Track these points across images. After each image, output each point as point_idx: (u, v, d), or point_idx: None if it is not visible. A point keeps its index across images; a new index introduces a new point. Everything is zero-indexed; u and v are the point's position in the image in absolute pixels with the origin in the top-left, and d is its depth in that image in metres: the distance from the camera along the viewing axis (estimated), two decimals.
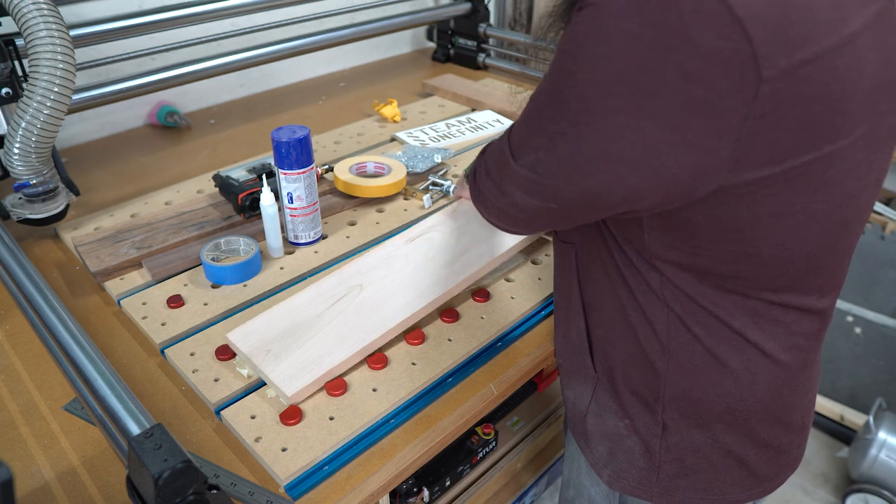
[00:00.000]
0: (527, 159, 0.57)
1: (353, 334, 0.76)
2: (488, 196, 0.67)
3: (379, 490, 0.64)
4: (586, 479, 0.79)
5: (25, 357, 0.80)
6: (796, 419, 0.68)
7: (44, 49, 0.85)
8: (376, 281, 0.82)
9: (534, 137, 0.55)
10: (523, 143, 0.57)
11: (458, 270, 0.84)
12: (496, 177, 0.64)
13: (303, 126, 0.91)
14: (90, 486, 0.64)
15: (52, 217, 0.97)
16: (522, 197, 0.59)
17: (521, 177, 0.58)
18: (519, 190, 0.59)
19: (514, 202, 0.61)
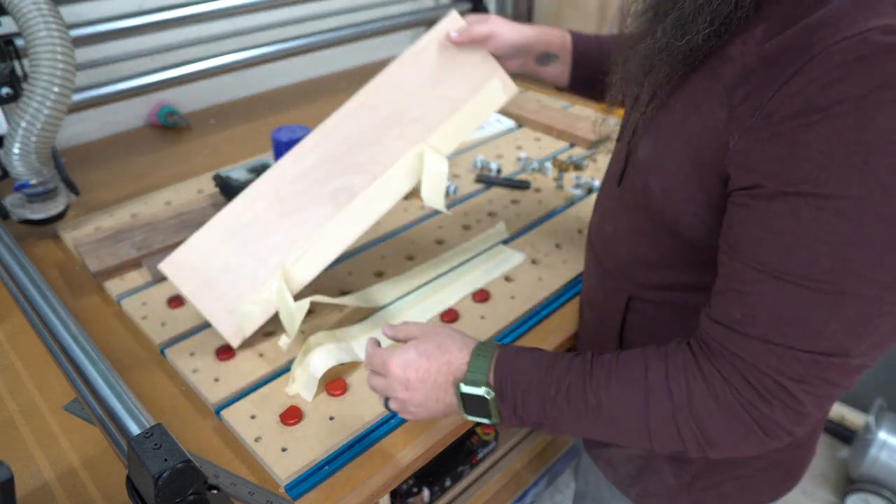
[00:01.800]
0: (866, 344, 0.42)
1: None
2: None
3: (379, 490, 0.64)
4: (607, 491, 0.77)
5: (25, 357, 0.80)
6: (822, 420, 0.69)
7: (44, 49, 0.85)
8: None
9: (872, 312, 0.40)
10: (859, 333, 0.41)
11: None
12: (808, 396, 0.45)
13: (303, 126, 0.91)
14: (90, 486, 0.64)
15: (52, 217, 0.97)
16: (853, 381, 0.46)
17: (857, 369, 0.44)
18: (854, 378, 0.45)
19: (844, 391, 0.46)
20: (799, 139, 0.39)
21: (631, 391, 0.51)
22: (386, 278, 0.90)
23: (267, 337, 0.79)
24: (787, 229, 0.41)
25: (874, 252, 0.38)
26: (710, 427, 0.48)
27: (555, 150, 1.26)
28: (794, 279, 0.41)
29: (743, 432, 0.47)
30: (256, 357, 0.76)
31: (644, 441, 0.51)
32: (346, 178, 0.75)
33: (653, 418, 0.50)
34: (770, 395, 0.45)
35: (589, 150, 1.26)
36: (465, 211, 1.05)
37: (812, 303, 0.41)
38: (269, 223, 0.75)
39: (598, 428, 0.53)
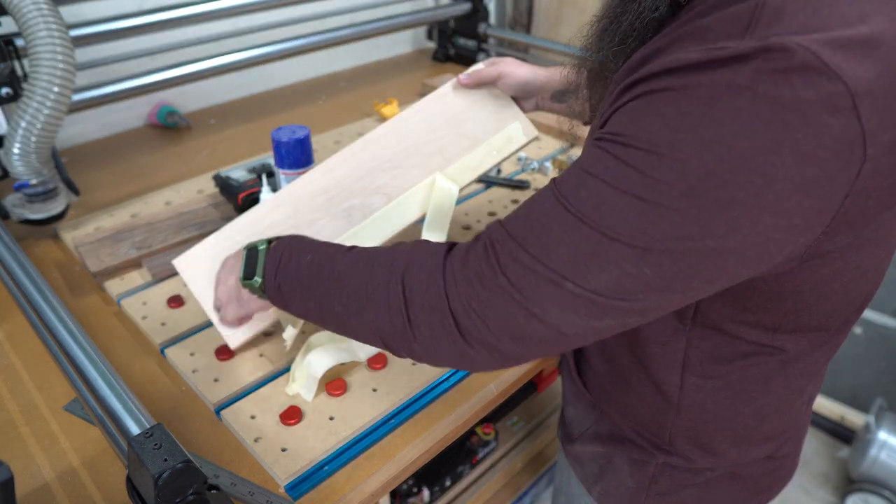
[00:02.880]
0: (598, 283, 0.43)
1: None
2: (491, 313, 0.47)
3: (379, 490, 0.64)
4: (577, 489, 0.78)
5: (25, 357, 0.80)
6: (799, 432, 0.68)
7: (44, 49, 0.85)
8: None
9: (610, 258, 0.43)
10: (591, 268, 0.43)
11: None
12: (526, 299, 0.46)
13: (303, 126, 0.91)
14: (90, 486, 0.64)
15: (52, 217, 0.97)
16: (574, 319, 0.45)
17: (583, 302, 0.44)
18: (572, 314, 0.45)
19: (556, 327, 0.46)
20: (623, 109, 0.44)
21: (371, 256, 0.55)
22: None
23: (267, 337, 0.79)
24: (581, 161, 0.46)
25: (623, 201, 0.42)
26: (416, 296, 0.49)
27: (555, 150, 1.26)
28: (558, 197, 0.45)
29: (439, 316, 0.48)
30: (256, 357, 0.76)
31: (361, 308, 0.53)
32: (361, 199, 0.79)
33: (373, 277, 0.52)
34: (478, 281, 0.47)
35: None
36: (465, 211, 1.05)
37: (560, 219, 0.44)
38: (281, 232, 0.77)
39: (330, 292, 0.55)
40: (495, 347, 0.47)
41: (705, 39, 0.41)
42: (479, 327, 0.47)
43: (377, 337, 0.53)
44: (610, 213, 0.42)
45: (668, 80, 0.41)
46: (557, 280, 0.44)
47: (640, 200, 0.41)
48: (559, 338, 0.46)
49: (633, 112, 0.43)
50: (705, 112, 0.39)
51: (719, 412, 0.60)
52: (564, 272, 0.44)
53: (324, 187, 0.79)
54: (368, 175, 0.80)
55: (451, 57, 1.79)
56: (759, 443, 0.63)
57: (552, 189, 0.47)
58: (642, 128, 0.42)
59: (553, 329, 0.45)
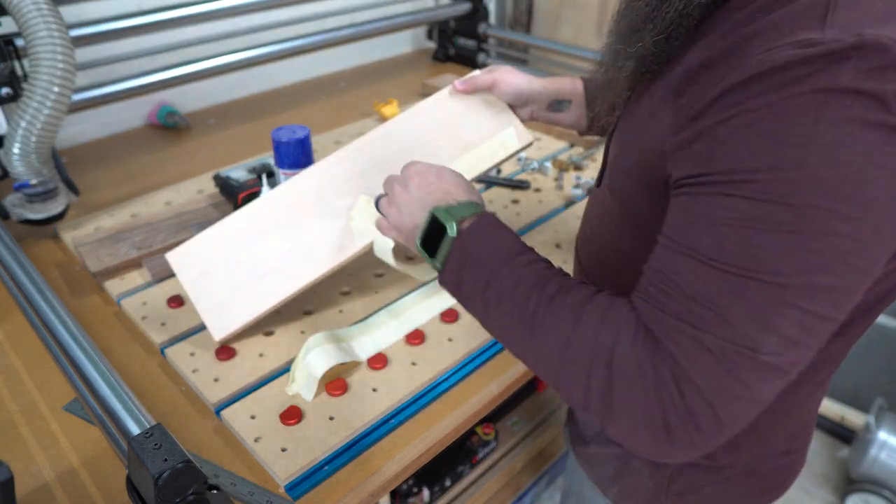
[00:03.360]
0: (787, 334, 0.41)
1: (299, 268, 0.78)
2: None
3: (379, 490, 0.64)
4: (590, 491, 0.77)
5: (25, 357, 0.80)
6: (809, 429, 0.68)
7: (44, 49, 0.85)
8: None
9: (786, 302, 0.40)
10: (773, 323, 0.40)
11: None
12: (731, 384, 0.42)
13: (303, 126, 0.91)
14: (90, 486, 0.64)
15: (52, 217, 0.97)
16: (775, 384, 0.43)
17: (781, 361, 0.41)
18: (773, 380, 0.42)
19: (760, 398, 0.43)
20: (717, 135, 0.42)
21: (567, 314, 0.48)
22: (385, 279, 0.90)
23: (267, 337, 0.79)
24: (702, 213, 0.43)
25: (778, 240, 0.39)
26: (618, 386, 0.44)
27: (555, 150, 1.26)
28: (703, 258, 0.42)
29: (645, 412, 0.44)
30: (256, 357, 0.76)
31: (553, 372, 0.48)
32: (353, 200, 0.79)
33: (571, 349, 0.47)
34: (685, 385, 0.42)
35: (589, 150, 1.26)
36: None
37: (719, 283, 0.41)
38: (272, 231, 0.79)
39: (522, 337, 0.50)
40: (699, 442, 0.43)
41: (781, 34, 0.40)
42: (685, 426, 0.43)
43: (564, 391, 0.49)
44: (768, 258, 0.40)
45: (762, 88, 0.39)
46: (749, 353, 0.41)
47: (793, 234, 0.39)
48: (759, 407, 0.43)
49: (736, 138, 0.41)
50: (817, 119, 0.38)
51: None
52: (751, 340, 0.41)
53: (317, 186, 0.80)
54: (362, 176, 0.80)
55: (451, 57, 1.79)
56: (781, 439, 0.63)
57: (687, 253, 0.43)
58: (757, 154, 0.40)
59: (757, 402, 0.43)
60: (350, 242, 0.77)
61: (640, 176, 0.53)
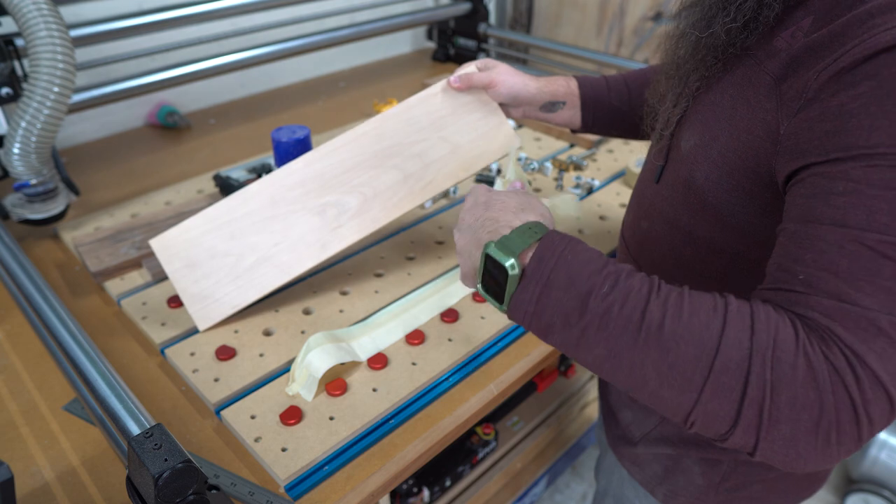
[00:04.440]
0: None
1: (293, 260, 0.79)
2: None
3: (379, 490, 0.64)
4: (631, 491, 0.77)
5: (25, 357, 0.80)
6: None
7: (44, 49, 0.85)
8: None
9: None
10: None
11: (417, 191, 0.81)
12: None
13: (303, 126, 0.91)
14: (90, 486, 0.64)
15: (52, 217, 0.97)
16: None
17: None
18: None
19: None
20: (844, 110, 0.40)
21: (707, 316, 0.42)
22: (385, 279, 0.90)
23: (267, 337, 0.79)
24: (843, 189, 0.40)
25: None
26: (784, 387, 0.39)
27: (555, 150, 1.26)
28: (850, 234, 0.40)
29: (813, 413, 0.39)
30: (256, 357, 0.76)
31: (693, 385, 0.41)
32: (337, 196, 0.80)
33: (723, 353, 0.40)
34: (862, 370, 0.38)
35: (589, 150, 1.26)
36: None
37: (874, 257, 0.39)
38: (257, 222, 0.80)
39: (643, 352, 0.43)
40: (866, 434, 0.40)
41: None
42: (858, 419, 0.39)
43: (696, 417, 0.42)
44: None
45: (890, 61, 0.38)
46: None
47: None
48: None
49: (872, 110, 0.39)
50: None
51: None
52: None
53: (302, 180, 0.80)
54: (347, 172, 0.80)
55: (451, 57, 1.79)
56: None
57: (830, 233, 0.41)
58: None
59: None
60: (334, 241, 0.79)
61: (734, 165, 0.50)
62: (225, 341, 0.78)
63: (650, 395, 0.44)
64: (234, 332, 0.79)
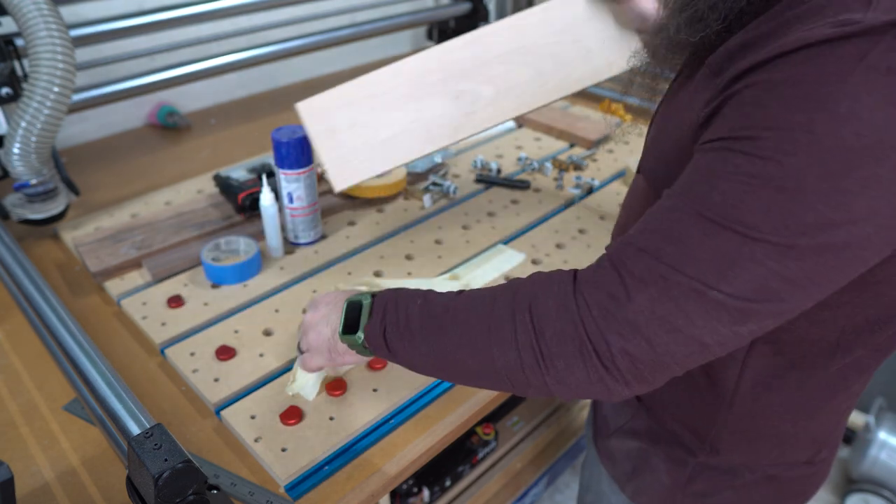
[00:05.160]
0: (744, 286, 0.41)
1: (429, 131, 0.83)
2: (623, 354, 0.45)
3: (379, 490, 0.64)
4: (607, 487, 0.77)
5: (25, 357, 0.80)
6: (836, 440, 0.68)
7: (44, 49, 0.85)
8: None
9: (755, 258, 0.40)
10: (735, 271, 0.41)
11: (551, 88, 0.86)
12: (668, 314, 0.43)
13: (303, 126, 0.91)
14: (90, 486, 0.64)
15: (52, 217, 0.97)
16: (717, 328, 0.42)
17: (728, 308, 0.42)
18: (716, 323, 0.42)
19: (699, 339, 0.43)
20: (742, 98, 0.42)
21: (485, 294, 0.52)
22: (385, 279, 0.90)
23: (267, 337, 0.79)
24: (703, 167, 0.44)
25: (762, 196, 0.40)
26: (546, 327, 0.46)
27: (555, 150, 1.26)
28: (687, 205, 0.43)
29: (575, 345, 0.45)
30: (256, 357, 0.76)
31: (485, 348, 0.49)
32: (473, 84, 0.84)
33: (495, 314, 0.49)
34: (613, 302, 0.44)
35: (589, 150, 1.26)
36: (465, 211, 1.05)
37: (694, 226, 0.42)
38: (397, 99, 0.84)
39: (445, 337, 0.52)
40: (635, 371, 0.44)
41: (823, 15, 0.39)
42: (618, 351, 0.44)
43: (503, 376, 0.49)
44: (750, 211, 0.40)
45: (793, 60, 0.39)
46: (700, 289, 0.41)
47: (778, 192, 0.39)
48: (700, 351, 0.43)
49: (755, 102, 0.41)
50: (838, 87, 0.37)
51: (771, 408, 0.59)
52: (707, 279, 0.41)
53: (442, 65, 0.84)
54: (485, 64, 0.84)
55: None
56: (804, 446, 0.63)
57: (678, 199, 0.44)
58: (769, 115, 0.40)
59: (695, 342, 0.43)
60: (467, 124, 0.83)
61: (673, 157, 0.52)
62: (225, 341, 0.78)
63: (466, 372, 0.52)
64: (234, 332, 0.79)
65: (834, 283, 0.42)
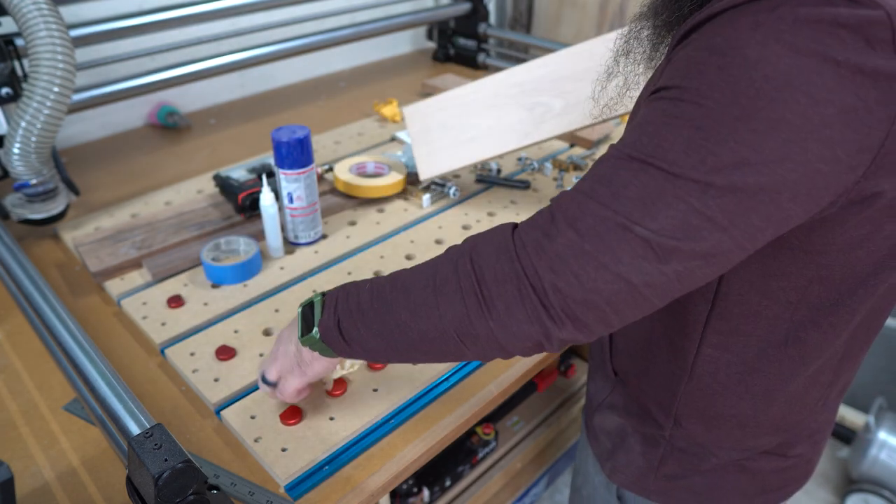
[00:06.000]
0: (666, 222, 0.43)
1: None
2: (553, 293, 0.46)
3: (379, 490, 0.64)
4: (592, 467, 0.80)
5: (25, 357, 0.80)
6: (815, 435, 0.68)
7: (44, 49, 0.85)
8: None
9: (677, 194, 0.42)
10: (658, 207, 0.43)
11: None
12: (595, 248, 0.45)
13: (303, 126, 0.91)
14: (90, 486, 0.64)
15: (52, 217, 0.97)
16: (643, 266, 0.44)
17: (652, 245, 0.43)
18: (641, 260, 0.44)
19: (626, 277, 0.44)
20: (674, 59, 0.46)
21: (429, 260, 0.54)
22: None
23: (267, 337, 0.79)
24: (638, 117, 0.47)
25: (683, 134, 0.43)
26: (486, 269, 0.49)
27: (555, 151, 1.26)
28: (621, 150, 0.46)
29: (513, 284, 0.47)
30: (256, 357, 0.76)
31: (432, 306, 0.51)
32: (547, 98, 0.97)
33: (439, 272, 0.51)
34: (547, 239, 0.47)
35: (589, 150, 1.26)
36: (465, 211, 1.05)
37: (623, 167, 0.45)
38: (479, 108, 0.99)
39: (393, 308, 0.53)
40: (567, 308, 0.46)
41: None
42: (549, 286, 0.46)
43: (452, 333, 0.50)
44: (671, 148, 0.43)
45: (718, 21, 0.43)
46: (626, 224, 0.44)
47: (697, 130, 0.42)
48: (628, 291, 0.45)
49: (683, 59, 0.45)
50: (750, 35, 0.40)
51: (729, 386, 0.60)
52: (633, 215, 0.43)
53: (521, 81, 0.99)
54: (560, 80, 0.96)
55: (451, 57, 1.79)
56: (766, 431, 0.63)
57: (615, 147, 0.47)
58: (691, 66, 0.43)
59: (622, 280, 0.44)
60: (535, 131, 0.95)
61: None
62: (225, 341, 0.78)
63: (420, 341, 0.52)
64: (234, 332, 0.79)
65: (755, 230, 0.43)
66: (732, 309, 0.56)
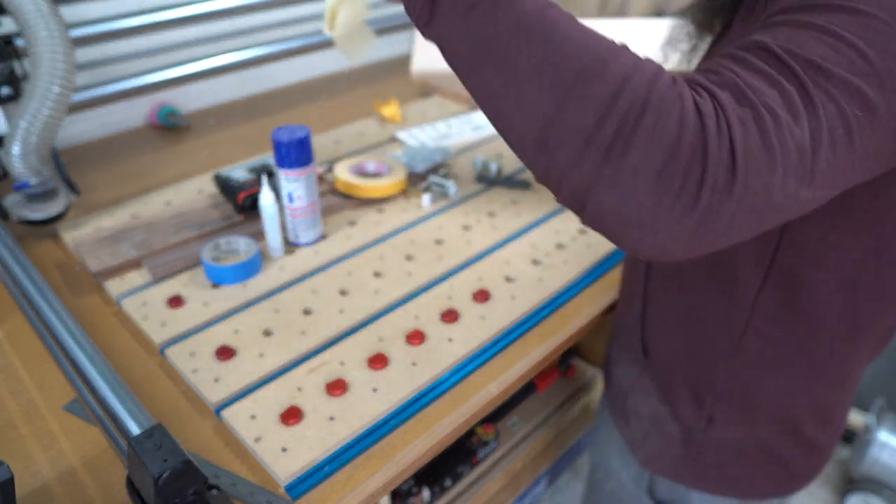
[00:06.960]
0: (812, 126, 0.38)
1: None
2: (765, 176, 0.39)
3: (379, 490, 0.64)
4: (616, 461, 0.78)
5: (25, 357, 0.80)
6: (840, 416, 0.68)
7: (44, 49, 0.85)
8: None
9: (821, 89, 0.39)
10: (803, 103, 0.38)
11: None
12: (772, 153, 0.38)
13: (303, 126, 0.91)
14: (90, 486, 0.64)
15: (52, 217, 0.97)
16: (796, 186, 0.39)
17: (801, 144, 0.38)
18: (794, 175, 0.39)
19: (766, 187, 0.38)
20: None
21: (604, 39, 0.41)
22: (385, 279, 0.90)
23: (267, 336, 0.79)
24: (786, 25, 0.42)
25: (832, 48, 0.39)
26: (651, 110, 0.37)
27: None
28: (765, 45, 0.41)
29: (669, 146, 0.37)
30: (256, 357, 0.76)
31: (562, 85, 0.38)
32: None
33: (604, 62, 0.38)
34: (725, 125, 0.38)
35: None
36: (465, 211, 1.05)
37: (769, 59, 0.41)
38: None
39: (523, 40, 0.39)
40: (706, 198, 0.37)
41: None
42: (705, 172, 0.37)
43: (549, 133, 0.39)
44: (828, 57, 0.39)
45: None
46: (787, 125, 0.38)
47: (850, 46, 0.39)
48: (765, 200, 0.38)
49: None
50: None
51: (776, 365, 0.59)
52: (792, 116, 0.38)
53: None
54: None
55: None
56: (805, 416, 0.63)
57: (756, 51, 0.41)
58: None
59: (766, 189, 0.38)
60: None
61: None
62: (225, 341, 0.78)
63: (514, 98, 0.40)
64: (234, 332, 0.79)
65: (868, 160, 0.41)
66: (786, 280, 0.53)
